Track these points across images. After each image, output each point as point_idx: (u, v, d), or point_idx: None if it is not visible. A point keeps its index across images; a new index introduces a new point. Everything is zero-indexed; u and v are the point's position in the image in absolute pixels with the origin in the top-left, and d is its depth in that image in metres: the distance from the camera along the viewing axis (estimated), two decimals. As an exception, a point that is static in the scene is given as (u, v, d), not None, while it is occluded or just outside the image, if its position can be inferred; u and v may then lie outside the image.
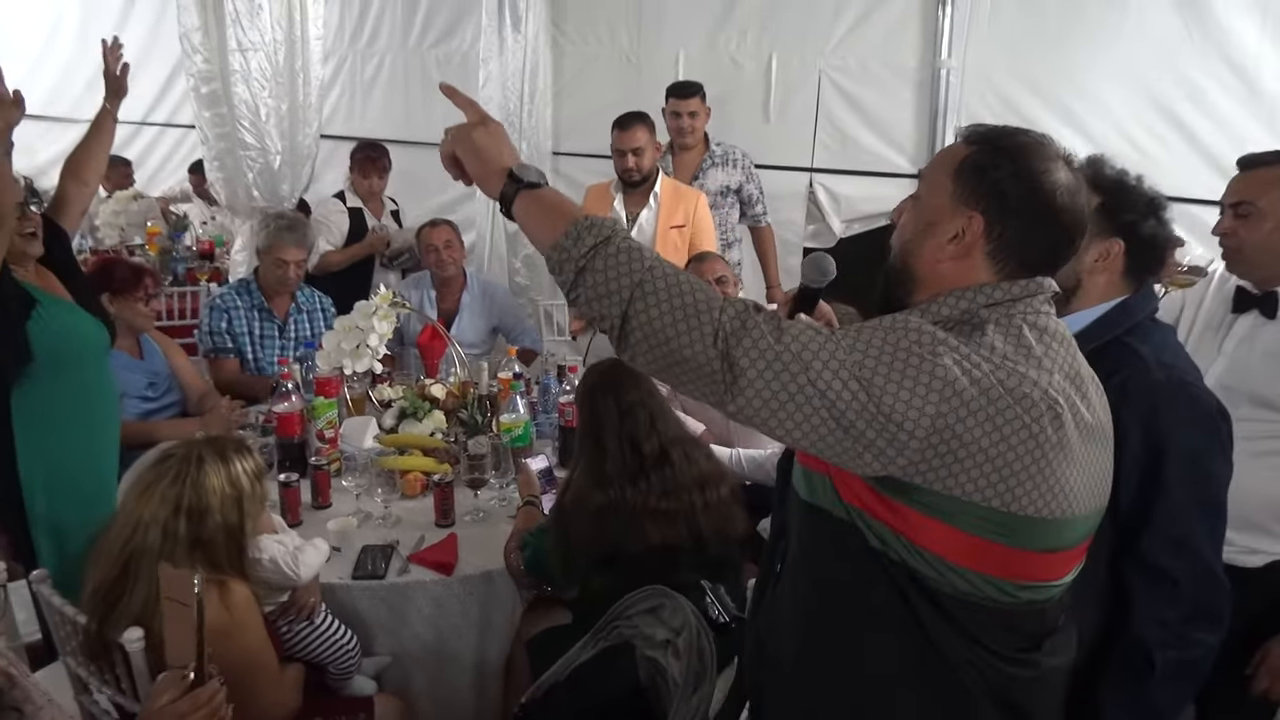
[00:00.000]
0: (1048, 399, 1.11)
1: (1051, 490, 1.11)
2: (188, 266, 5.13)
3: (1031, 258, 1.19)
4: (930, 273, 1.22)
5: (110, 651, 1.84)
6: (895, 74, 4.31)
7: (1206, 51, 3.71)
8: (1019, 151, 1.19)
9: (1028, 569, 1.16)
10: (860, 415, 1.07)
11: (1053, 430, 1.10)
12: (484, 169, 1.30)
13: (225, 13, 3.82)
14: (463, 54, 5.34)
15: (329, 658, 2.14)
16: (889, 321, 1.14)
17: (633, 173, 3.73)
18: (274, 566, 2.00)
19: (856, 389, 1.07)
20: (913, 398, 1.06)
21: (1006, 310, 1.17)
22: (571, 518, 2.16)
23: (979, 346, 1.12)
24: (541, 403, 3.17)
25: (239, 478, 1.87)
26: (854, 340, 1.11)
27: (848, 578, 1.21)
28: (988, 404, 1.08)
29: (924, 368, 1.07)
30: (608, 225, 1.18)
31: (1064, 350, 1.19)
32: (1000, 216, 1.17)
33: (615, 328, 1.15)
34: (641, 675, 1.80)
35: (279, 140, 4.13)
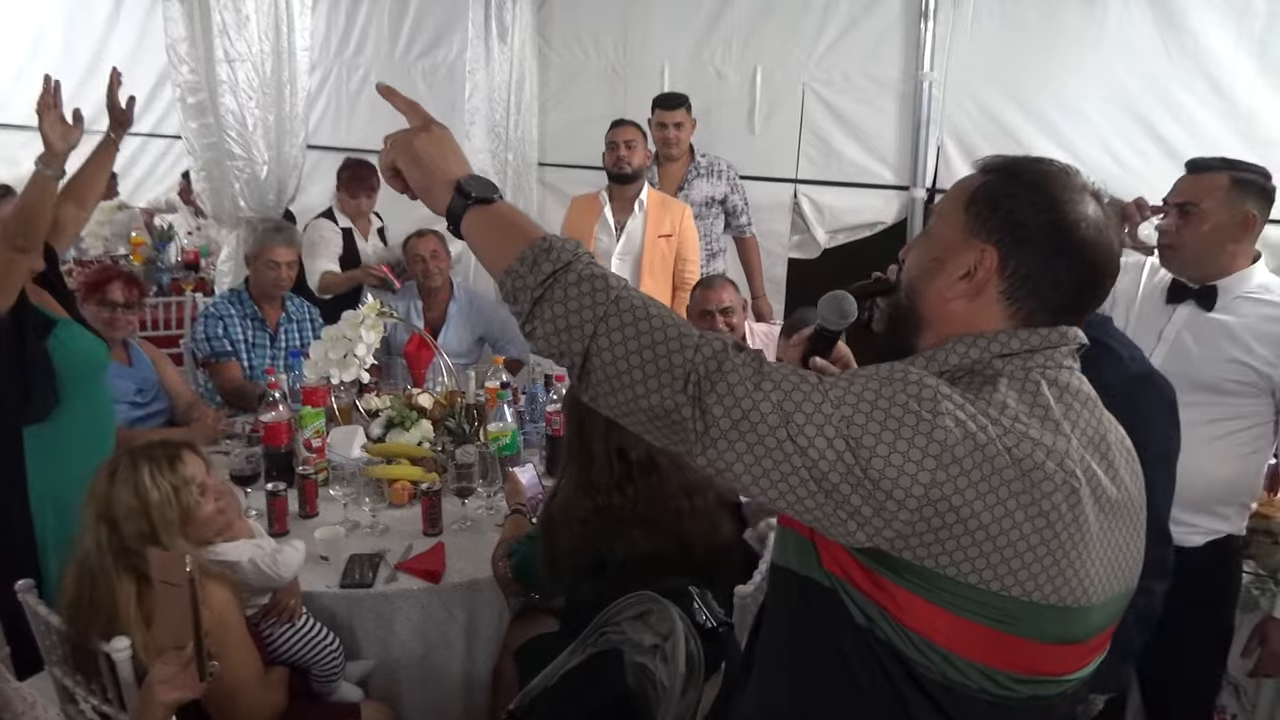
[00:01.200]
0: (1063, 471, 0.98)
1: (1062, 575, 0.98)
2: (173, 277, 5.12)
3: (1052, 300, 1.05)
4: (937, 314, 1.09)
5: (92, 660, 1.84)
6: (878, 86, 4.35)
7: (1183, 64, 3.77)
8: (1039, 180, 1.07)
9: (1030, 662, 1.01)
10: (845, 479, 0.94)
11: (1067, 507, 0.97)
12: (427, 180, 1.15)
13: (212, 24, 3.82)
14: (449, 65, 5.36)
15: (312, 659, 2.14)
16: (886, 371, 1.00)
17: (623, 163, 3.76)
18: (254, 568, 2.00)
19: (842, 449, 0.94)
20: (905, 463, 0.93)
21: (1024, 362, 1.04)
22: (559, 525, 2.17)
23: (988, 404, 0.99)
24: (529, 411, 3.18)
25: (146, 491, 1.83)
26: (844, 391, 0.97)
27: (830, 654, 1.06)
28: (991, 473, 0.95)
29: (920, 428, 0.94)
30: (569, 249, 1.05)
31: (1088, 412, 1.05)
32: (1016, 251, 1.04)
33: (576, 366, 1.02)
34: (630, 681, 1.81)
35: (265, 151, 4.12)
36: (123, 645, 1.74)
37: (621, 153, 3.77)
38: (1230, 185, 2.10)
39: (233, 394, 3.40)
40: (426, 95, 5.49)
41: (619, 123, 3.87)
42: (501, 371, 3.23)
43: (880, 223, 4.49)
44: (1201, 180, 2.13)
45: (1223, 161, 2.17)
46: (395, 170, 1.18)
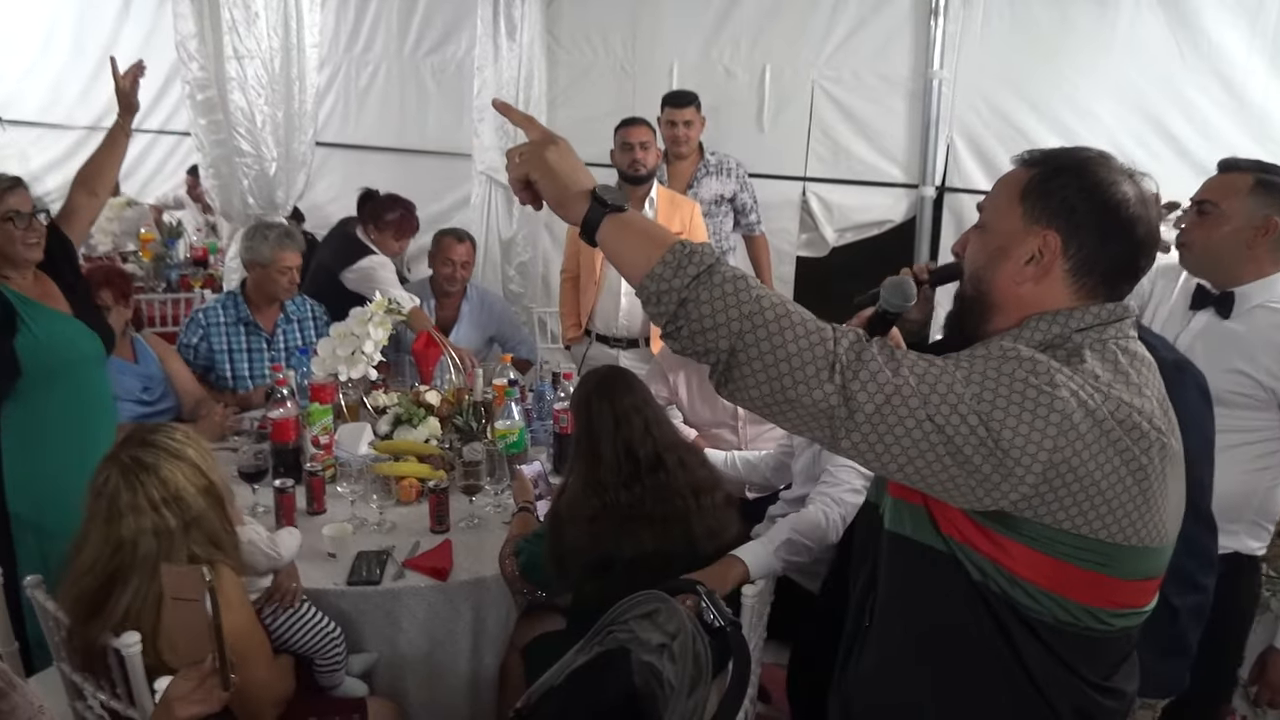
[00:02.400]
0: (1155, 429, 1.11)
1: (1152, 520, 1.12)
2: (181, 273, 5.13)
3: (1111, 272, 1.18)
4: (1008, 297, 1.20)
5: (98, 655, 1.84)
6: (888, 84, 4.34)
7: (1195, 64, 3.75)
8: (1082, 167, 1.18)
9: (1123, 596, 1.16)
10: (977, 450, 1.04)
11: (1159, 461, 1.10)
12: (563, 193, 1.21)
13: (222, 20, 3.82)
14: (457, 62, 5.36)
15: (315, 646, 2.14)
16: (998, 351, 1.11)
17: (639, 165, 3.74)
18: (253, 548, 2.01)
19: (976, 424, 1.04)
20: (1031, 432, 1.04)
21: (1099, 334, 1.16)
22: (566, 523, 2.17)
23: (1084, 375, 1.10)
24: (536, 409, 3.17)
25: (180, 449, 1.85)
26: (969, 371, 1.08)
27: (947, 611, 1.19)
28: (1101, 436, 1.07)
29: (1042, 400, 1.05)
30: (709, 252, 1.12)
31: (1154, 376, 1.18)
32: (1075, 232, 1.16)
33: (721, 363, 1.09)
34: (637, 680, 1.80)
35: (274, 147, 4.12)
36: (132, 640, 1.75)
37: (636, 154, 3.75)
38: (1254, 187, 2.02)
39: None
40: (435, 92, 5.50)
41: (631, 121, 3.83)
42: (509, 369, 3.22)
43: (889, 221, 4.48)
44: (1226, 180, 2.07)
45: (1254, 164, 2.09)
46: (526, 183, 1.23)
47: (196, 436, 1.94)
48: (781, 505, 2.72)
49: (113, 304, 2.99)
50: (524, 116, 1.28)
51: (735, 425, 3.34)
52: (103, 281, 2.99)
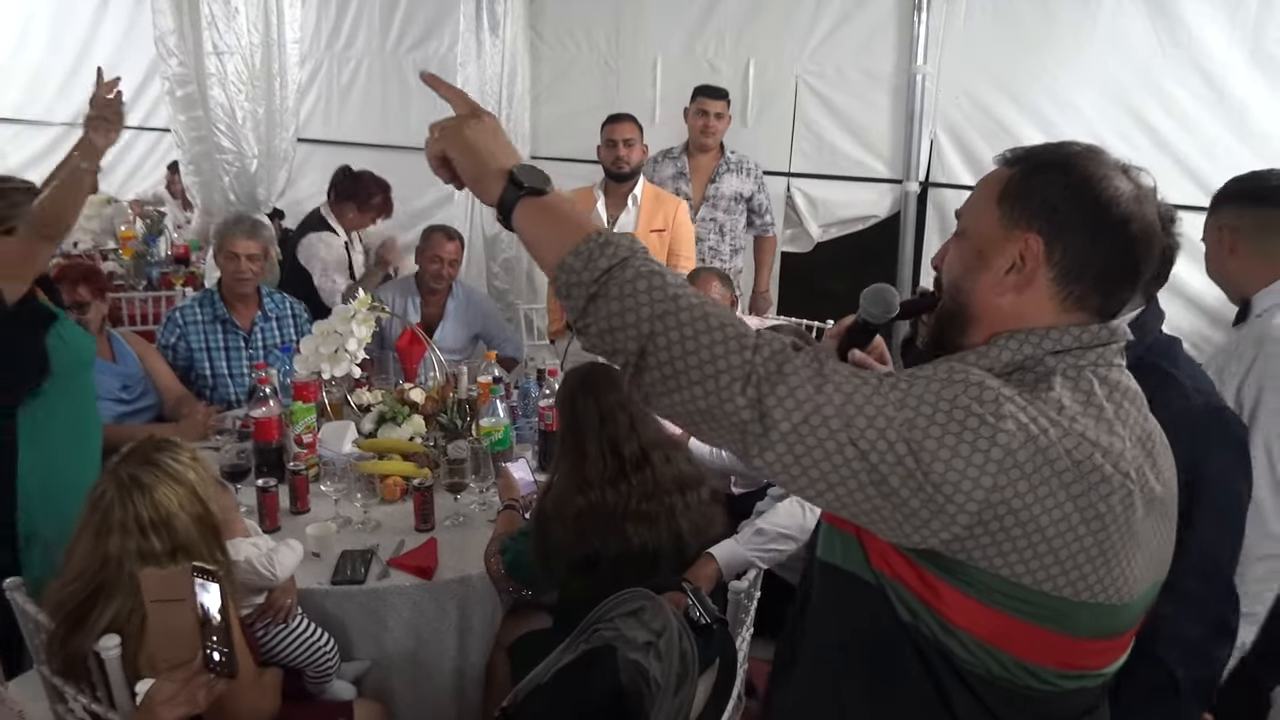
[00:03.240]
0: (1119, 473, 0.98)
1: (1111, 575, 0.98)
2: (162, 271, 5.08)
3: (1104, 277, 1.04)
4: (987, 309, 1.07)
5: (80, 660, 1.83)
6: (871, 80, 4.35)
7: (1177, 58, 3.77)
8: (1067, 162, 1.06)
9: (1075, 658, 1.03)
10: (905, 483, 0.93)
11: (1121, 509, 0.97)
12: (480, 169, 1.12)
13: (201, 16, 3.80)
14: (440, 58, 5.33)
15: (306, 660, 2.12)
16: (945, 372, 0.98)
17: (622, 163, 3.74)
18: (250, 567, 1.99)
19: (904, 452, 0.93)
20: (968, 467, 0.92)
21: (1076, 360, 1.03)
22: (552, 521, 2.16)
23: (1045, 404, 0.97)
24: (521, 407, 3.16)
25: (181, 472, 1.83)
26: (904, 394, 0.96)
27: (873, 650, 1.07)
28: (1051, 476, 0.94)
29: (983, 432, 0.93)
30: (625, 244, 1.03)
31: (1135, 410, 1.05)
32: (1059, 234, 1.03)
33: (630, 365, 1.00)
34: (623, 678, 1.80)
35: (255, 144, 4.10)
36: (112, 644, 1.73)
37: (620, 151, 3.74)
38: (1209, 213, 2.04)
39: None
40: (417, 88, 5.44)
41: (617, 118, 3.82)
42: (494, 366, 3.21)
43: (873, 216, 4.49)
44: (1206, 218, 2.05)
45: (1227, 186, 2.07)
46: (444, 159, 1.15)
47: (204, 461, 1.91)
48: (769, 500, 2.72)
49: (90, 299, 2.96)
50: (453, 90, 1.17)
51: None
52: (79, 278, 2.96)
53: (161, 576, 1.36)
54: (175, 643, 1.35)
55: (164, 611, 1.34)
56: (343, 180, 4.21)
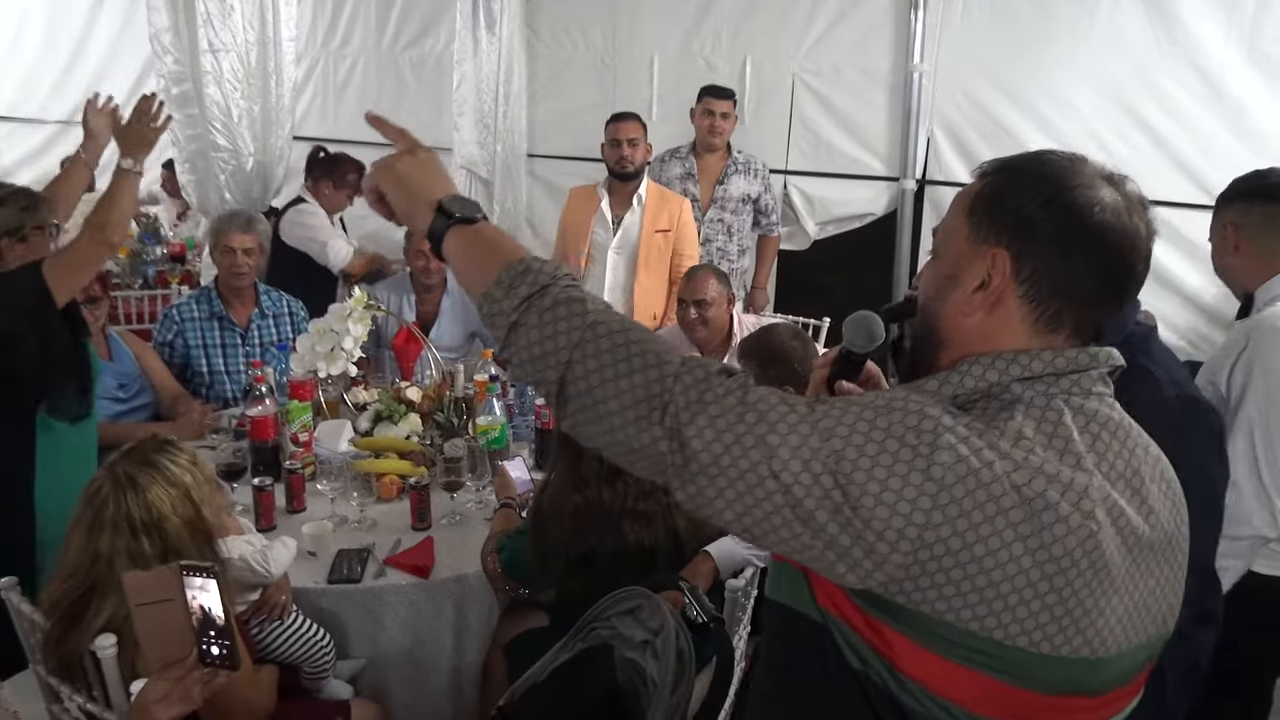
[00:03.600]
0: (1080, 512, 0.88)
1: (1075, 625, 0.89)
2: (158, 270, 5.07)
3: (1078, 295, 0.96)
4: (956, 332, 1.00)
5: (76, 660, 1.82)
6: (868, 77, 4.35)
7: (1173, 56, 3.77)
8: (1040, 171, 0.99)
9: (1035, 715, 0.92)
10: (833, 518, 0.87)
11: (1082, 552, 0.88)
12: (409, 203, 1.12)
13: (196, 13, 3.78)
14: (436, 56, 5.33)
15: (302, 657, 2.12)
16: (884, 400, 0.91)
17: (626, 162, 3.73)
18: (244, 565, 1.98)
19: (830, 485, 0.87)
20: (898, 501, 0.85)
21: (1046, 387, 0.95)
22: (549, 519, 2.16)
23: (1000, 435, 0.90)
24: (518, 405, 3.16)
25: (177, 476, 1.82)
26: (835, 422, 0.89)
27: (824, 696, 0.99)
28: (996, 514, 0.86)
29: (916, 464, 0.86)
30: (547, 271, 1.00)
31: (1117, 443, 0.96)
32: (1029, 249, 0.95)
33: (552, 395, 0.97)
34: (620, 676, 1.80)
35: (251, 142, 4.09)
36: (108, 643, 1.72)
37: (625, 151, 3.73)
38: (1215, 211, 2.08)
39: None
40: (414, 86, 5.47)
41: (621, 116, 3.81)
42: (490, 365, 3.21)
43: (870, 214, 4.50)
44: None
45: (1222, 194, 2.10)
46: (379, 195, 1.15)
47: (202, 464, 1.91)
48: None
49: (102, 295, 2.99)
50: (395, 130, 1.18)
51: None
52: None
53: (145, 578, 1.34)
54: (165, 643, 1.34)
55: (151, 613, 1.33)
56: (318, 160, 4.28)
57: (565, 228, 3.96)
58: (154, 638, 1.34)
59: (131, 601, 1.31)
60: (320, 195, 4.24)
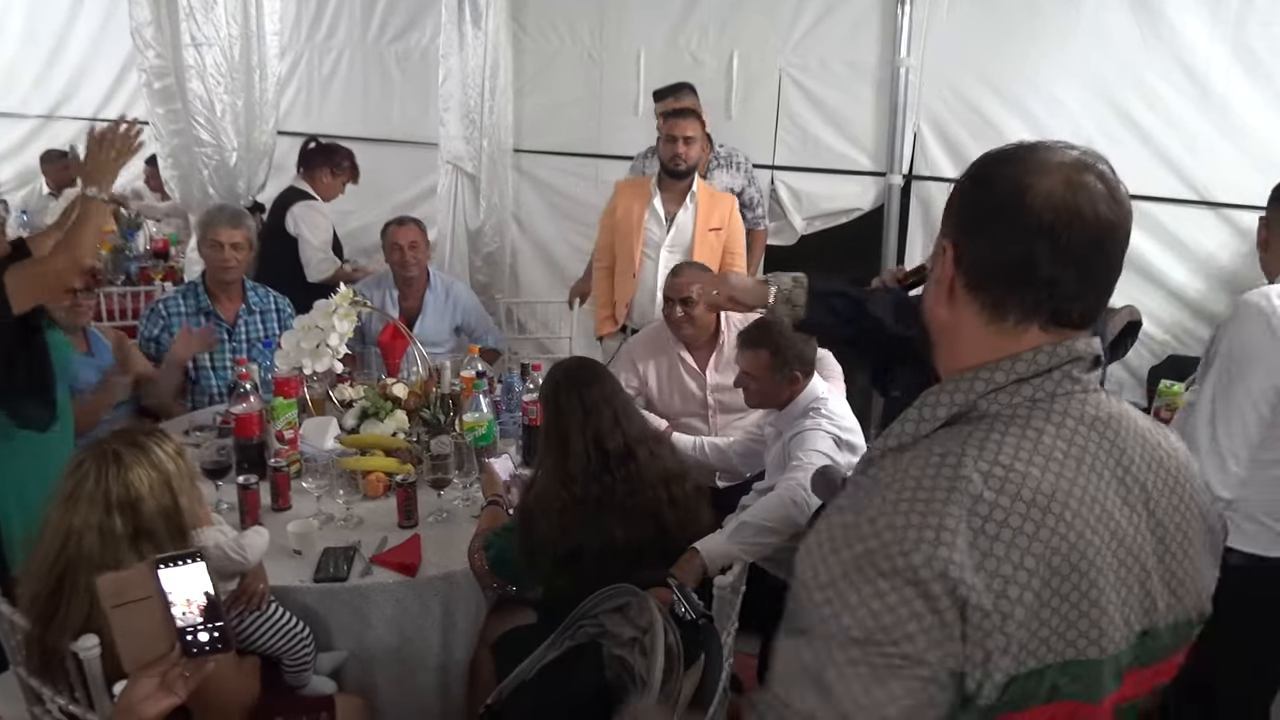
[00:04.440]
0: (1074, 532, 0.90)
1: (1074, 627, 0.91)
2: (141, 266, 5.03)
3: (1019, 285, 0.95)
4: (932, 324, 1.04)
5: (57, 660, 1.81)
6: (855, 72, 4.34)
7: (1159, 52, 3.79)
8: (1003, 161, 0.98)
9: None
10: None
11: (1069, 568, 0.90)
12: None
13: (179, 7, 3.75)
14: (422, 50, 5.30)
15: (283, 648, 2.11)
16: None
17: (680, 160, 3.65)
18: (220, 553, 1.98)
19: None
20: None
21: (1010, 398, 0.96)
22: (536, 516, 2.15)
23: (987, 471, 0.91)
24: (505, 401, 3.15)
25: (161, 461, 1.84)
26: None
27: None
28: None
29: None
30: None
31: (1099, 438, 0.97)
32: (969, 237, 0.98)
33: None
34: (608, 674, 1.80)
35: (235, 137, 4.06)
36: (91, 644, 1.71)
37: (679, 149, 3.63)
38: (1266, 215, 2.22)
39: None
40: (399, 80, 5.44)
41: (678, 113, 3.71)
42: (477, 361, 3.20)
43: (857, 209, 4.49)
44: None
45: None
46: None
47: (188, 460, 1.92)
48: (753, 495, 2.72)
49: (92, 285, 2.99)
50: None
51: (705, 414, 3.34)
52: None
53: (119, 579, 1.31)
54: (145, 642, 1.31)
55: (127, 614, 1.30)
56: (312, 152, 4.27)
57: (615, 221, 3.85)
58: (132, 639, 1.31)
59: (107, 604, 1.28)
60: (318, 184, 4.22)
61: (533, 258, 5.32)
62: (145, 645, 1.30)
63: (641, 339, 3.51)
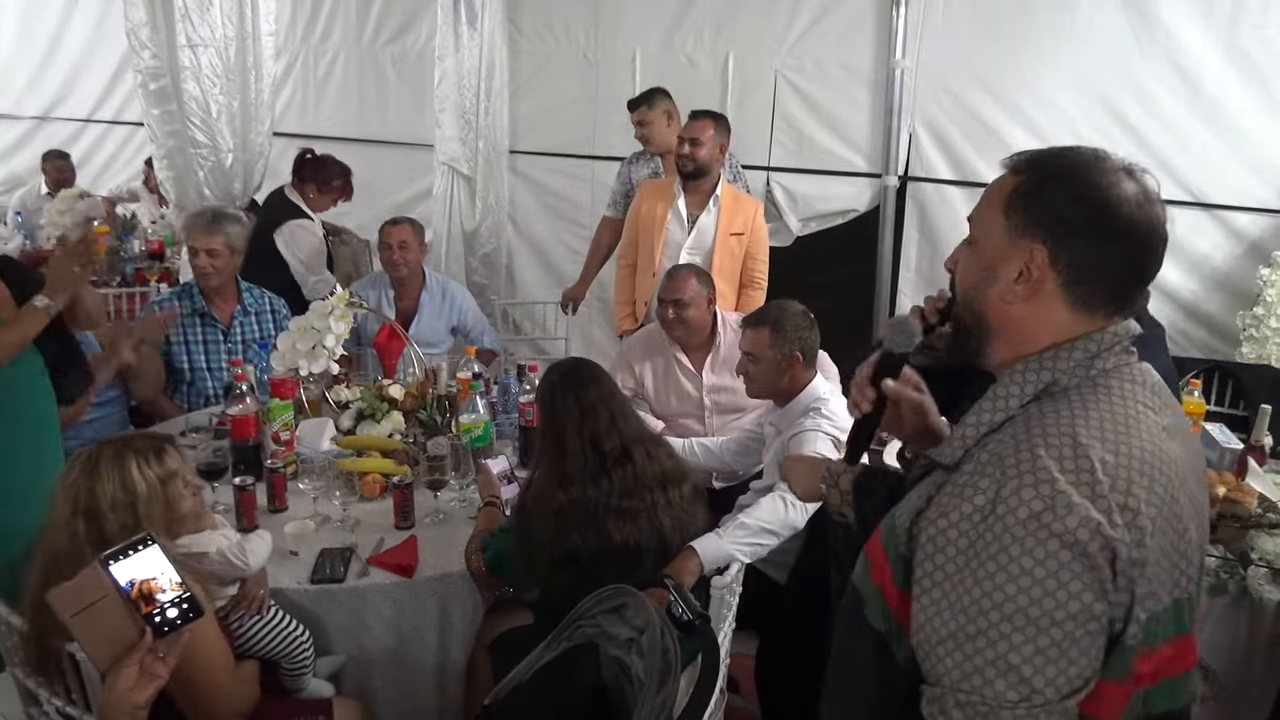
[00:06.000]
0: (1168, 476, 1.05)
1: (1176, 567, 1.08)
2: (136, 267, 5.02)
3: (1112, 278, 1.09)
4: (1003, 320, 1.13)
5: (55, 660, 1.80)
6: (850, 74, 4.35)
7: (1152, 54, 3.80)
8: (1073, 169, 1.10)
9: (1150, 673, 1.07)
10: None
11: (1165, 514, 1.05)
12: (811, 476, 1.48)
13: (174, 7, 3.74)
14: (417, 51, 5.30)
15: (282, 652, 2.10)
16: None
17: (686, 161, 3.66)
18: (222, 559, 1.97)
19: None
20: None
21: (1086, 371, 1.09)
22: (533, 518, 2.15)
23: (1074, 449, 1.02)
24: (501, 402, 3.15)
25: (133, 482, 1.80)
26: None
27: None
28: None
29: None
30: None
31: (1158, 398, 1.12)
32: (1065, 243, 1.07)
33: None
34: (605, 675, 1.80)
35: (230, 138, 4.05)
36: (87, 645, 1.70)
37: (685, 150, 3.65)
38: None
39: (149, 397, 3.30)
40: (395, 82, 5.44)
41: (693, 115, 3.74)
42: (474, 362, 3.19)
43: (853, 210, 4.50)
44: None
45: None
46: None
47: (170, 482, 1.87)
48: (751, 495, 2.73)
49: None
50: None
51: (702, 415, 3.34)
52: None
53: (70, 589, 1.29)
54: (112, 640, 1.30)
55: (87, 619, 1.28)
56: (305, 163, 4.22)
57: (638, 220, 3.86)
58: (100, 641, 1.29)
59: (64, 615, 1.27)
60: (305, 197, 4.18)
61: (528, 259, 5.32)
62: (113, 643, 1.29)
63: (638, 340, 3.51)
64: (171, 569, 1.32)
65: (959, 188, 4.16)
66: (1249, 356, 3.65)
